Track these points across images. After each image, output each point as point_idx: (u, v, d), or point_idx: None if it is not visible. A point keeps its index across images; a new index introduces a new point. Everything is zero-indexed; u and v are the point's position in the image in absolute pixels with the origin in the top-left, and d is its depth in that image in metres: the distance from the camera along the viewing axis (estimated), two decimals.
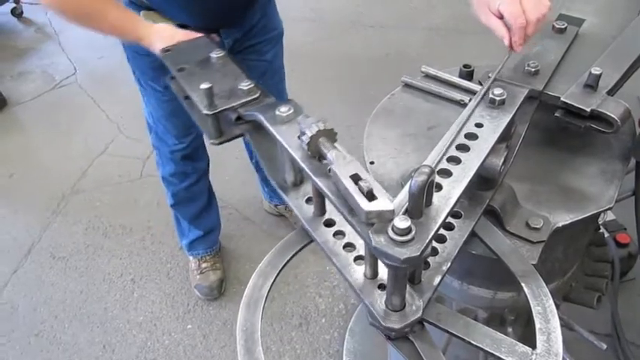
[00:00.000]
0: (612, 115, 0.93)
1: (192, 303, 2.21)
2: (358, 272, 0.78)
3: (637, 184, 1.18)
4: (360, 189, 0.67)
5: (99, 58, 3.71)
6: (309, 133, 0.76)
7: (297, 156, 0.79)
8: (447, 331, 0.76)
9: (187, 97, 1.08)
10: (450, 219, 0.84)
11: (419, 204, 0.68)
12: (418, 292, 0.76)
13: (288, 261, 0.87)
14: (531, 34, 1.00)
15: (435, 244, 0.82)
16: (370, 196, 0.66)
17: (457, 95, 1.20)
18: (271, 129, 0.85)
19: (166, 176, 2.01)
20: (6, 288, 2.32)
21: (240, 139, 1.06)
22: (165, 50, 1.20)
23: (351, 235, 0.83)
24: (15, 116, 3.32)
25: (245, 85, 1.01)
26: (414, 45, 3.55)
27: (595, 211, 0.95)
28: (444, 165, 0.80)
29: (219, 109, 0.99)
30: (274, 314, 2.12)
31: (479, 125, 0.87)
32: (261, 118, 0.88)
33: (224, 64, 1.12)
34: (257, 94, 1.00)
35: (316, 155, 0.77)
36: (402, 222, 0.64)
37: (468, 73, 1.24)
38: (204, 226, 2.18)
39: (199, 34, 1.26)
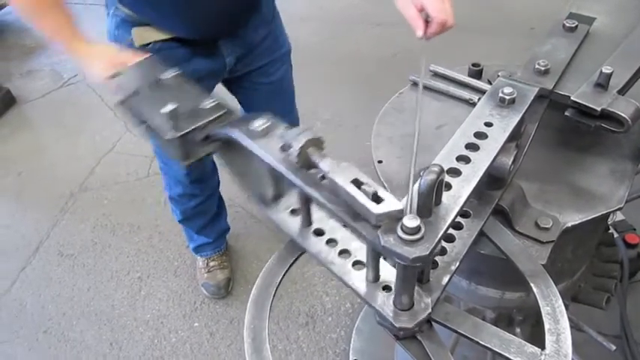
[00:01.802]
0: (623, 115, 0.92)
1: (199, 301, 2.21)
2: (359, 277, 0.77)
3: None
4: (365, 193, 0.65)
5: None
6: (296, 145, 0.72)
7: (282, 168, 0.75)
8: (455, 331, 0.76)
9: (144, 122, 0.98)
10: (458, 218, 0.84)
11: (428, 203, 0.67)
12: (426, 292, 0.75)
13: (295, 260, 0.87)
14: (442, 32, 1.14)
15: (443, 243, 0.82)
16: (376, 198, 0.65)
17: (466, 94, 1.20)
18: (248, 144, 0.80)
19: (174, 196, 1.97)
20: (14, 285, 2.34)
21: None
22: (114, 75, 1.09)
23: (344, 242, 0.81)
24: (23, 114, 3.34)
25: (208, 103, 0.94)
26: (421, 43, 3.52)
27: (605, 212, 0.95)
28: (454, 164, 0.80)
29: (185, 131, 0.90)
30: (281, 313, 2.12)
31: (488, 124, 0.87)
32: (235, 133, 0.83)
33: (179, 84, 1.03)
34: (223, 111, 0.93)
35: (305, 166, 0.74)
36: (411, 221, 0.63)
37: (477, 72, 1.24)
38: (213, 234, 2.17)
39: (145, 55, 1.14)
